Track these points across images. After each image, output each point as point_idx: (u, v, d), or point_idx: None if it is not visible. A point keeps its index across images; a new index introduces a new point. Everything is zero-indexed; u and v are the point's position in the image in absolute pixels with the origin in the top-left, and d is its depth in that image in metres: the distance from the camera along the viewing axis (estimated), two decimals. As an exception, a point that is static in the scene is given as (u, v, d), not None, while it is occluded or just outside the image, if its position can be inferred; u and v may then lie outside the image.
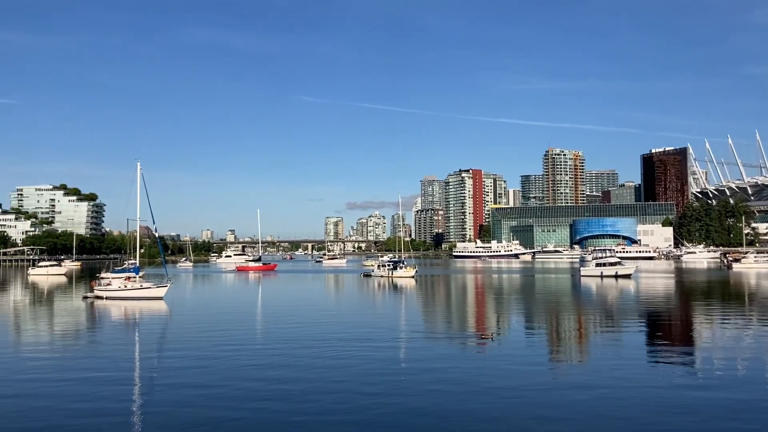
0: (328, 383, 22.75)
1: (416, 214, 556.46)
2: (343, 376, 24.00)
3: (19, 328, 42.28)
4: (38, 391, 21.97)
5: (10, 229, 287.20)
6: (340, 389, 21.86)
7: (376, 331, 36.78)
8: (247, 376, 24.18)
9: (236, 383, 22.84)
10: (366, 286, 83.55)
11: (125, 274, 67.21)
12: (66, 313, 51.91)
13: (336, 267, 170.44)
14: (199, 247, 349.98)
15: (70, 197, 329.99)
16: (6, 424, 17.94)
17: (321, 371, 24.84)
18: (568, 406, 19.44)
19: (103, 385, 22.70)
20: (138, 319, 46.77)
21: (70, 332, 39.53)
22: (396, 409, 19.26)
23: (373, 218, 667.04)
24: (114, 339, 35.83)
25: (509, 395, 20.99)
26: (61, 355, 30.40)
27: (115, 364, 27.03)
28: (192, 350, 30.16)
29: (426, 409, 19.16)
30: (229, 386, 22.35)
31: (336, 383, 22.75)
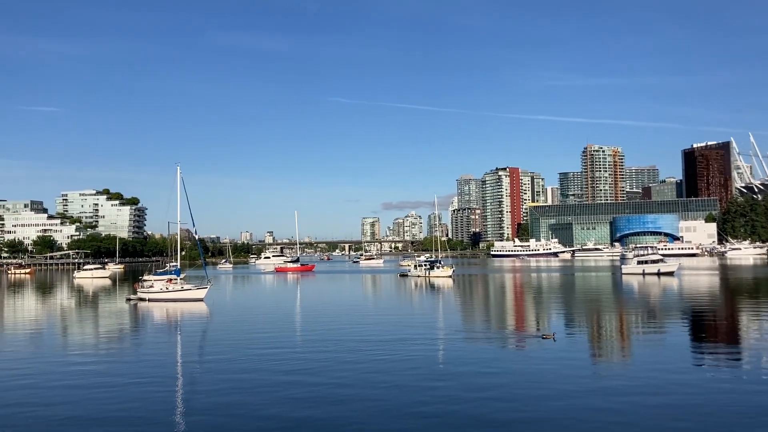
0: (374, 387, 22.45)
1: (453, 214, 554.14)
2: (390, 378, 23.76)
3: (66, 331, 43.32)
4: (83, 393, 22.45)
5: (57, 233, 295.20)
6: (388, 396, 21.55)
7: (416, 331, 36.64)
8: (288, 379, 24.14)
9: (276, 386, 22.91)
10: (403, 286, 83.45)
11: (167, 277, 68.39)
12: (110, 315, 53.04)
13: (373, 267, 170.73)
14: (238, 248, 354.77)
15: (113, 202, 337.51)
16: (54, 426, 18.36)
17: (368, 375, 24.58)
18: (643, 411, 18.62)
19: (146, 387, 23.06)
20: (179, 321, 47.53)
21: (114, 334, 40.36)
22: (456, 418, 18.39)
23: (409, 218, 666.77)
24: (156, 341, 36.48)
25: (574, 400, 20.08)
26: (106, 358, 31.01)
27: (158, 367, 27.42)
28: (232, 352, 30.42)
29: (490, 417, 18.35)
30: (269, 388, 22.43)
31: (382, 388, 22.41)
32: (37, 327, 45.35)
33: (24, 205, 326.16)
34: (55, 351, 33.16)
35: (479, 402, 20.02)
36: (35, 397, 21.81)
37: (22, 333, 41.65)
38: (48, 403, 20.80)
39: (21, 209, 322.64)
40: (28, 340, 37.57)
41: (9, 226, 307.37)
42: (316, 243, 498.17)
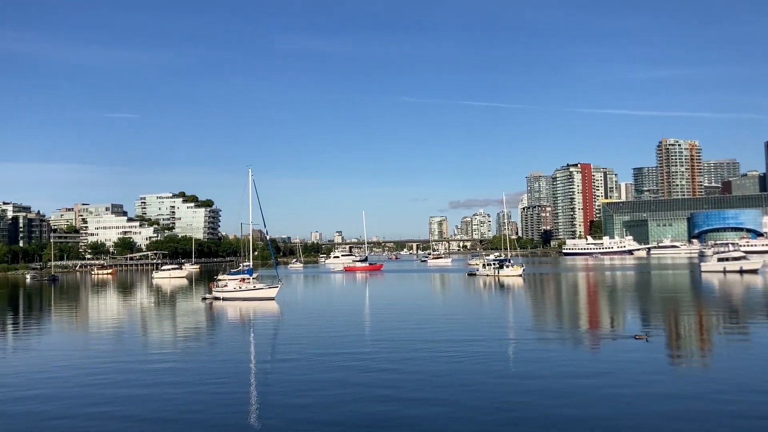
0: (449, 388, 22.31)
1: (522, 212, 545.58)
2: (466, 379, 23.62)
3: (146, 330, 45.02)
4: (160, 392, 23.23)
5: (136, 235, 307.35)
6: (466, 398, 21.42)
7: (487, 331, 36.27)
8: (360, 377, 24.30)
9: (349, 386, 23.04)
10: (472, 285, 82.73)
11: (240, 276, 70.11)
12: (187, 314, 54.80)
13: (441, 266, 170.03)
14: (308, 248, 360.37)
15: (188, 204, 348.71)
16: (136, 422, 19.07)
17: (442, 376, 24.36)
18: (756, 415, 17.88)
19: (220, 387, 23.63)
20: (252, 320, 48.61)
21: (191, 333, 41.69)
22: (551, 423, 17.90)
23: (477, 216, 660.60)
24: (230, 340, 37.41)
25: (678, 404, 19.34)
26: (183, 357, 32.00)
27: (232, 366, 28.07)
28: (304, 351, 30.76)
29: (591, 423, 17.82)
30: (342, 388, 22.56)
31: (459, 389, 22.30)
32: (119, 326, 47.34)
33: (105, 209, 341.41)
34: (135, 349, 34.47)
35: (576, 405, 19.46)
36: (117, 396, 22.70)
37: (105, 331, 43.61)
38: (127, 402, 21.62)
39: (103, 212, 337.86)
40: (111, 339, 39.25)
41: (92, 229, 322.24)
42: (384, 242, 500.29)
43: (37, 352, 33.87)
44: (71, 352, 33.45)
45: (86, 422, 18.88)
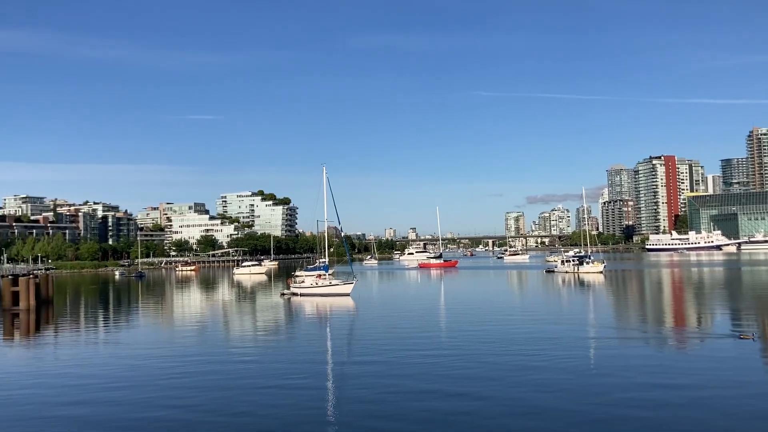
0: (530, 388, 21.90)
1: (603, 206, 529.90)
2: (549, 379, 23.13)
3: (227, 324, 46.29)
4: (243, 385, 23.72)
5: (217, 233, 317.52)
6: (551, 406, 20.88)
7: (568, 330, 35.29)
8: (436, 379, 23.95)
9: (425, 386, 22.85)
10: (550, 282, 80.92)
11: (316, 273, 71.10)
12: (266, 309, 56.03)
13: (518, 263, 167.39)
14: (382, 245, 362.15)
15: (266, 202, 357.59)
16: (215, 416, 19.50)
17: (523, 377, 23.91)
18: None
19: (298, 385, 23.91)
20: (328, 315, 49.14)
21: (270, 328, 42.57)
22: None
23: (555, 212, 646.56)
24: (308, 335, 37.90)
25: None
26: (262, 352, 32.69)
27: (309, 363, 28.37)
28: (379, 349, 30.73)
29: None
30: (417, 389, 22.37)
31: (543, 393, 21.75)
32: (203, 320, 48.92)
33: (189, 208, 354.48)
34: (218, 344, 35.48)
35: (681, 410, 18.59)
36: (198, 391, 23.33)
37: (189, 326, 45.18)
38: (206, 398, 22.15)
39: (186, 211, 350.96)
40: (195, 333, 40.58)
41: (176, 227, 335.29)
42: (458, 239, 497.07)
43: (126, 345, 35.28)
44: (157, 347, 34.69)
45: (166, 415, 19.44)
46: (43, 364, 30.31)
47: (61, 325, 47.48)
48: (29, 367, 29.66)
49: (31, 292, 60.02)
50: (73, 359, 31.14)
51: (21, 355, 34.39)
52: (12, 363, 31.44)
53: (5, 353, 34.94)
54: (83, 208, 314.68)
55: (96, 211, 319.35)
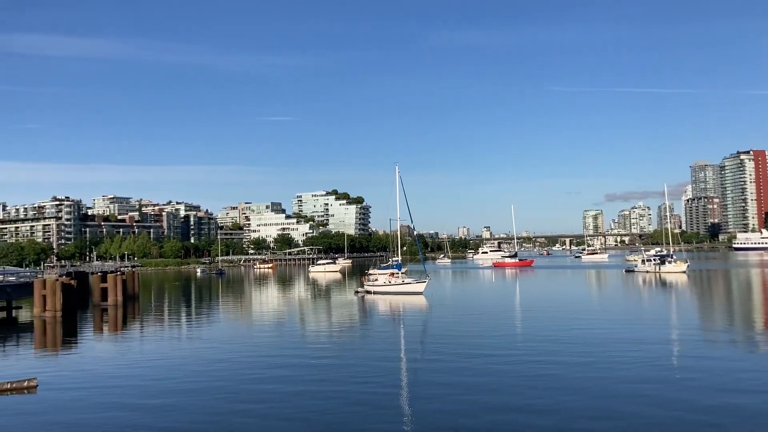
0: (615, 398, 21.13)
1: (686, 203, 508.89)
2: (629, 388, 22.29)
3: (303, 321, 47.10)
4: (317, 383, 24.04)
5: (293, 231, 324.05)
6: (635, 416, 20.27)
7: (650, 331, 34.05)
8: (511, 382, 23.55)
9: (498, 382, 22.59)
10: (630, 282, 78.31)
11: (389, 271, 71.38)
12: (341, 307, 56.69)
13: (596, 262, 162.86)
14: (456, 244, 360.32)
15: (340, 201, 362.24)
16: (288, 416, 19.81)
17: (608, 381, 23.17)
18: None
19: (371, 384, 24.03)
20: (401, 313, 49.20)
21: (345, 325, 43.01)
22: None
23: (636, 210, 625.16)
24: (381, 334, 38.04)
25: None
26: (337, 350, 33.04)
27: (383, 361, 28.47)
28: (452, 350, 30.35)
29: None
30: (491, 393, 22.06)
31: (625, 399, 20.99)
32: (280, 317, 50.02)
33: (266, 207, 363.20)
34: (294, 340, 36.14)
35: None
36: (274, 386, 23.79)
37: (267, 322, 46.32)
38: (283, 396, 22.53)
39: (263, 210, 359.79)
40: (272, 330, 41.56)
41: (254, 226, 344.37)
42: (534, 237, 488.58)
43: (206, 341, 36.44)
44: (236, 343, 35.67)
45: (244, 411, 19.90)
46: (128, 357, 31.69)
47: (145, 320, 49.59)
48: (116, 360, 31.10)
49: (118, 288, 62.93)
50: (156, 353, 32.46)
51: (109, 348, 36.07)
52: (101, 356, 33.02)
53: (95, 346, 36.74)
54: (167, 208, 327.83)
55: (179, 211, 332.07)
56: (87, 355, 33.38)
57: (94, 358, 32.00)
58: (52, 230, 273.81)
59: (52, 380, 24.90)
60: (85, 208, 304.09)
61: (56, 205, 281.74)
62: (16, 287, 55.35)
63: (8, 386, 23.05)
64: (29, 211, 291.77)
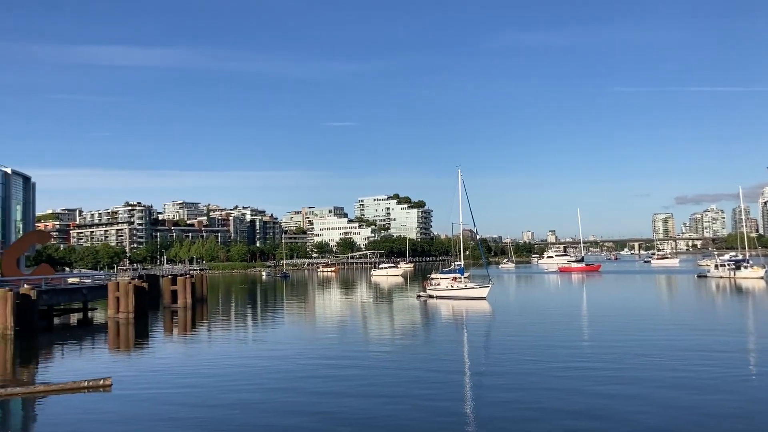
0: (692, 415, 20.44)
1: (763, 206, 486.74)
2: (707, 405, 21.42)
3: (366, 325, 47.33)
4: (381, 387, 24.07)
5: (355, 235, 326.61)
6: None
7: (726, 341, 32.63)
8: (577, 396, 22.92)
9: (564, 392, 22.06)
10: (703, 288, 75.35)
11: (452, 275, 71.00)
12: (403, 311, 56.69)
13: (667, 267, 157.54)
14: (520, 248, 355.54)
15: (402, 205, 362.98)
16: (351, 423, 19.90)
17: (678, 401, 22.24)
18: None
19: (432, 393, 23.87)
20: (464, 319, 48.79)
21: (407, 330, 42.95)
22: None
23: (708, 213, 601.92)
24: (444, 340, 37.86)
25: None
26: (399, 355, 32.98)
27: (445, 370, 28.23)
28: (516, 358, 29.77)
29: None
30: (558, 402, 21.57)
31: (703, 418, 20.23)
32: (342, 320, 50.44)
33: (328, 211, 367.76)
34: (357, 345, 36.31)
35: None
36: (337, 394, 23.95)
37: (330, 326, 46.79)
38: (346, 402, 22.64)
39: (326, 215, 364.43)
40: (336, 333, 41.94)
41: (317, 230, 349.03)
42: (601, 242, 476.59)
43: (271, 344, 37.04)
44: (300, 346, 36.23)
45: (308, 417, 20.10)
46: (198, 358, 32.60)
47: (213, 322, 50.89)
48: (186, 361, 32.06)
49: (187, 291, 64.80)
50: (224, 355, 33.27)
51: (179, 349, 37.14)
52: (172, 357, 34.04)
53: (166, 347, 37.90)
54: (233, 213, 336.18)
55: (245, 215, 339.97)
56: (158, 355, 34.48)
57: (165, 359, 33.02)
58: (125, 234, 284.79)
59: (125, 379, 25.82)
60: (156, 213, 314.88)
61: (128, 211, 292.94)
62: (91, 289, 57.74)
63: (85, 384, 24.01)
64: (103, 216, 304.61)
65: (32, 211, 69.44)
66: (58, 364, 32.91)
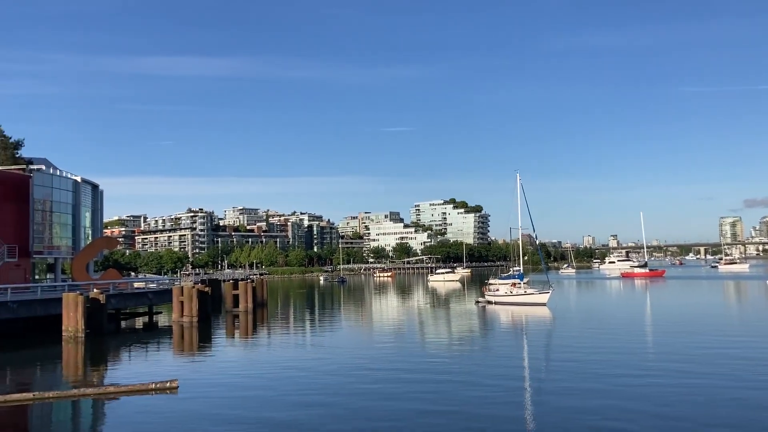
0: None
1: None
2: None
3: (423, 331, 47.15)
4: (439, 396, 23.87)
5: (411, 240, 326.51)
6: None
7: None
8: (641, 397, 22.28)
9: (627, 405, 21.36)
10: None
11: (511, 281, 70.10)
12: (461, 316, 56.23)
13: (735, 273, 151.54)
14: (580, 253, 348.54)
15: (458, 210, 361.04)
16: (410, 417, 19.78)
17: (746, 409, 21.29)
18: None
19: (492, 394, 23.58)
20: (524, 325, 48.01)
21: (465, 336, 42.58)
22: None
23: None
24: (503, 347, 37.33)
25: None
26: (458, 362, 32.69)
27: (505, 377, 27.76)
28: (578, 368, 28.76)
29: None
30: (619, 408, 21.02)
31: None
32: (401, 326, 50.41)
33: (384, 216, 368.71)
34: (415, 352, 36.22)
35: None
36: (395, 401, 23.87)
37: (388, 331, 46.79)
38: (404, 411, 22.53)
39: (382, 220, 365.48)
40: (393, 339, 41.91)
41: (373, 235, 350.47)
42: (665, 246, 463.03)
43: (329, 349, 37.26)
44: (357, 352, 36.31)
45: (367, 425, 20.08)
46: (259, 362, 33.12)
47: (273, 326, 51.65)
48: (249, 364, 32.67)
49: (248, 295, 65.98)
50: (284, 358, 33.64)
51: (241, 353, 37.87)
52: (235, 360, 34.74)
53: (228, 351, 38.67)
54: (291, 218, 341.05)
55: (302, 221, 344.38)
56: (222, 358, 35.20)
57: (229, 362, 33.69)
58: (188, 240, 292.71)
59: (191, 381, 26.40)
60: (217, 219, 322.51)
61: (191, 217, 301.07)
62: (157, 293, 59.43)
63: (153, 386, 24.67)
64: (167, 223, 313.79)
65: (100, 217, 71.88)
66: (126, 366, 33.96)
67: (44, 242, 59.29)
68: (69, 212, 63.26)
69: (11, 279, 52.58)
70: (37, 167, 62.46)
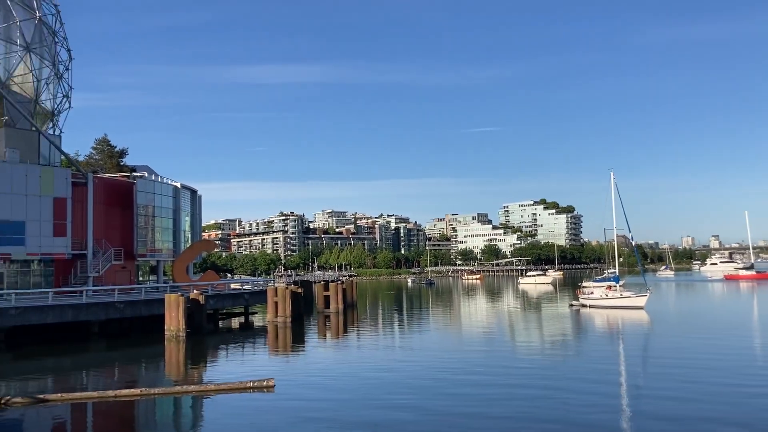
0: None
1: None
2: None
3: (514, 335, 46.43)
4: (528, 406, 23.40)
5: (500, 242, 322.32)
6: None
7: None
8: (748, 410, 21.14)
9: (733, 418, 20.22)
10: None
11: (606, 283, 67.90)
12: (554, 320, 54.92)
13: None
14: (679, 254, 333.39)
15: (549, 211, 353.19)
16: (499, 423, 19.48)
17: None
18: None
19: (587, 402, 22.87)
20: (620, 331, 46.35)
21: (558, 340, 41.58)
22: None
23: None
24: (598, 352, 36.18)
25: None
26: (550, 368, 31.95)
27: (601, 381, 26.93)
28: (679, 375, 27.10)
29: None
30: (723, 421, 19.90)
31: None
32: (491, 329, 49.88)
33: (472, 218, 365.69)
34: (505, 356, 35.72)
35: None
36: (484, 406, 23.61)
37: (478, 335, 46.38)
38: (491, 418, 22.23)
39: (470, 221, 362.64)
40: (483, 343, 41.55)
41: (461, 237, 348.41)
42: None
43: (418, 351, 37.29)
44: (446, 356, 36.15)
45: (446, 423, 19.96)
46: (351, 362, 33.60)
47: (363, 328, 52.27)
48: (341, 364, 33.16)
49: (339, 296, 67.08)
50: (375, 359, 34.03)
51: (333, 353, 38.55)
52: (327, 360, 35.42)
53: (322, 351, 39.49)
54: (379, 221, 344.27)
55: (389, 223, 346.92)
56: (315, 358, 35.99)
57: (322, 362, 34.42)
58: (280, 242, 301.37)
59: (286, 380, 27.11)
60: (307, 222, 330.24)
61: (283, 220, 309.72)
62: (252, 294, 61.45)
63: (250, 384, 25.50)
64: (260, 226, 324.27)
65: (199, 221, 75.12)
66: (224, 365, 35.32)
67: (147, 245, 62.49)
68: (170, 217, 66.43)
69: (118, 280, 55.95)
70: (140, 174, 66.00)
